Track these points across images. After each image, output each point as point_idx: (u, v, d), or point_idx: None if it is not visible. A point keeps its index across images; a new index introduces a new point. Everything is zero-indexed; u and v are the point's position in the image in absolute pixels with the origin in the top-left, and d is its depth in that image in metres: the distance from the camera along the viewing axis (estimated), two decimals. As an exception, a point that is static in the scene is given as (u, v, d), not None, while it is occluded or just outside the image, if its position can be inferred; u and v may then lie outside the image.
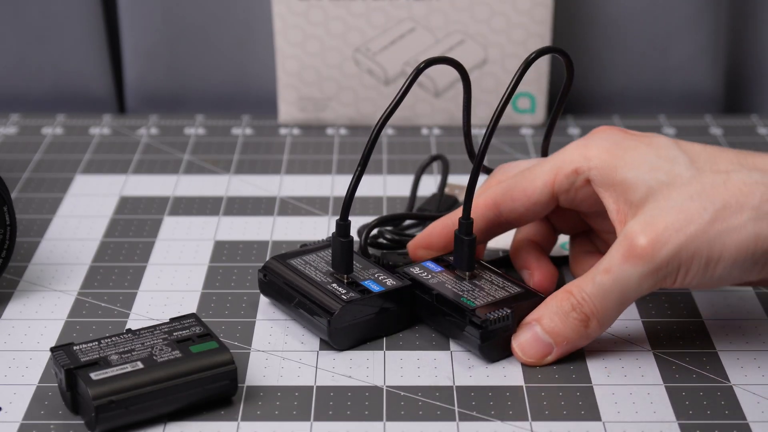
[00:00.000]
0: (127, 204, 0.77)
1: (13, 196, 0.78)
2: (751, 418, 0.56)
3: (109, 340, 0.57)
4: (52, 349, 0.56)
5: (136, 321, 0.64)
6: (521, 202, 0.62)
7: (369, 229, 0.68)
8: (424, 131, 0.90)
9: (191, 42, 0.93)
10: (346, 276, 0.62)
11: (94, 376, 0.54)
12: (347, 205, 0.60)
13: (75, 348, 0.56)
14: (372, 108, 0.90)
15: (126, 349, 0.56)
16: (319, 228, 0.74)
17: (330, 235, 0.65)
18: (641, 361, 0.60)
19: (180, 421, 0.56)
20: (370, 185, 0.80)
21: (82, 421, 0.55)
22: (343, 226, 0.61)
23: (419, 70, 0.59)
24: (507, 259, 0.68)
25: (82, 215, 0.76)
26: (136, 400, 0.54)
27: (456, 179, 0.78)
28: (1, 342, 0.62)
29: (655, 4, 0.91)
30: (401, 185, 0.81)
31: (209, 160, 0.84)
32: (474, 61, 0.88)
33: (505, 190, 0.62)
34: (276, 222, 0.75)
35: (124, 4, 0.92)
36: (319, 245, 0.66)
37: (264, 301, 0.66)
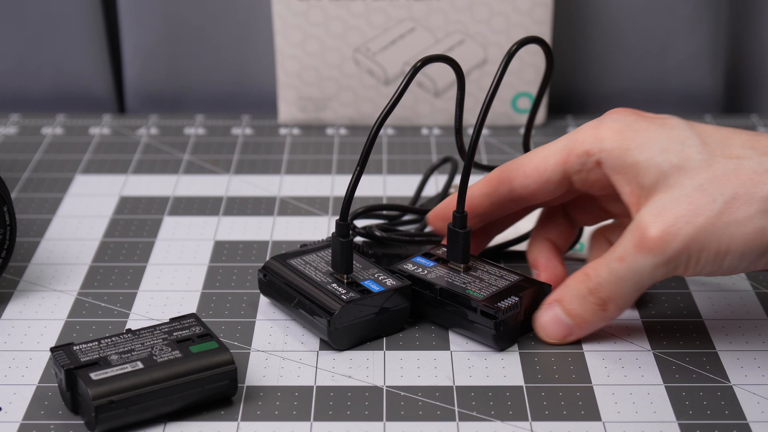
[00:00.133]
0: (127, 204, 0.77)
1: (13, 196, 0.78)
2: (751, 418, 0.56)
3: (109, 340, 0.57)
4: (52, 349, 0.56)
5: (136, 321, 0.64)
6: (533, 178, 0.62)
7: (353, 216, 0.68)
8: (424, 131, 0.90)
9: (191, 42, 0.93)
10: (345, 276, 0.62)
11: (94, 376, 0.54)
12: (347, 205, 0.60)
13: (75, 348, 0.56)
14: (372, 108, 0.90)
15: (126, 349, 0.56)
16: (319, 228, 0.74)
17: (330, 235, 0.65)
18: (641, 361, 0.60)
19: (180, 421, 0.56)
20: (370, 185, 0.80)
21: (82, 421, 0.55)
22: (343, 226, 0.61)
23: (416, 69, 0.60)
24: (499, 252, 0.70)
25: (82, 215, 0.76)
26: (136, 400, 0.54)
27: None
28: (1, 342, 0.62)
29: (655, 4, 0.91)
30: (401, 185, 0.81)
31: (209, 160, 0.84)
32: (474, 61, 0.88)
33: (519, 165, 0.62)
34: (276, 222, 0.75)
35: (124, 4, 0.92)
36: (319, 245, 0.66)
37: (264, 301, 0.66)
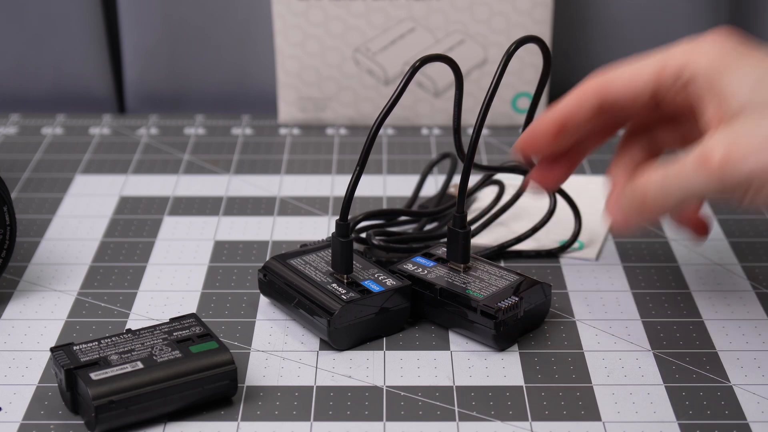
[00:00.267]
0: (127, 204, 0.77)
1: (13, 196, 0.78)
2: (751, 418, 0.56)
3: (109, 340, 0.57)
4: (52, 349, 0.56)
5: (136, 321, 0.64)
6: (625, 91, 0.60)
7: (355, 222, 0.68)
8: (424, 131, 0.90)
9: (191, 42, 0.93)
10: (346, 276, 0.62)
11: (94, 376, 0.54)
12: (347, 205, 0.60)
13: (75, 348, 0.56)
14: (372, 108, 0.90)
15: (126, 349, 0.56)
16: (319, 228, 0.74)
17: (330, 235, 0.65)
18: (641, 361, 0.60)
19: (180, 421, 0.56)
20: (370, 185, 0.80)
21: (82, 421, 0.55)
22: (342, 226, 0.61)
23: (415, 69, 0.60)
24: (499, 252, 0.70)
25: (82, 215, 0.76)
26: (136, 400, 0.54)
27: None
28: (1, 342, 0.62)
29: (655, 4, 0.91)
30: (401, 185, 0.81)
31: (209, 160, 0.84)
32: (474, 61, 0.88)
33: (612, 77, 0.60)
34: (276, 222, 0.75)
35: (124, 4, 0.92)
36: (319, 245, 0.66)
37: (264, 301, 0.66)
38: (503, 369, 0.60)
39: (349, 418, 0.56)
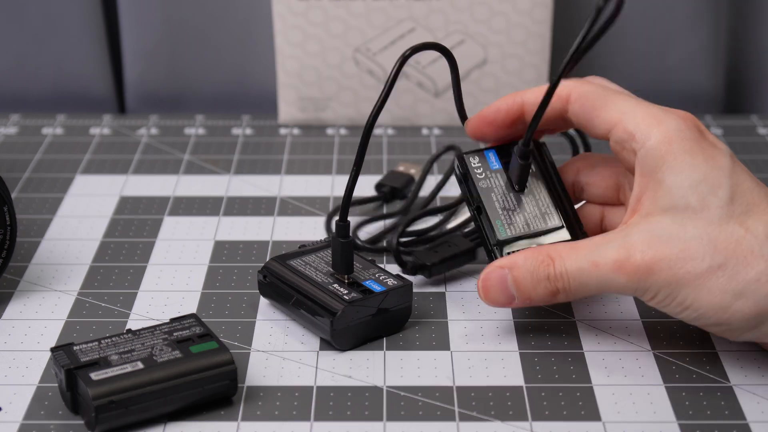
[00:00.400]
0: (127, 204, 0.77)
1: (13, 196, 0.78)
2: (751, 418, 0.56)
3: (109, 341, 0.57)
4: (52, 349, 0.56)
5: (136, 321, 0.64)
6: (582, 117, 0.60)
7: (400, 234, 0.68)
8: (424, 131, 0.90)
9: (191, 42, 0.93)
10: (346, 276, 0.62)
11: (94, 376, 0.54)
12: (346, 205, 0.60)
13: (75, 348, 0.56)
14: (372, 108, 0.90)
15: (126, 349, 0.56)
16: (319, 228, 0.74)
17: (330, 235, 0.65)
18: (641, 361, 0.60)
19: (180, 421, 0.56)
20: (370, 185, 0.80)
21: (82, 421, 0.55)
22: (342, 226, 0.61)
23: (405, 57, 0.60)
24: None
25: (82, 215, 0.76)
26: (136, 400, 0.54)
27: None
28: (1, 342, 0.62)
29: (655, 5, 0.91)
30: (401, 185, 0.81)
31: (209, 160, 0.84)
32: (474, 61, 0.88)
33: (585, 100, 0.60)
34: (276, 222, 0.75)
35: (124, 4, 0.92)
36: (318, 246, 0.66)
37: (264, 301, 0.66)
38: (503, 369, 0.60)
39: (349, 418, 0.56)
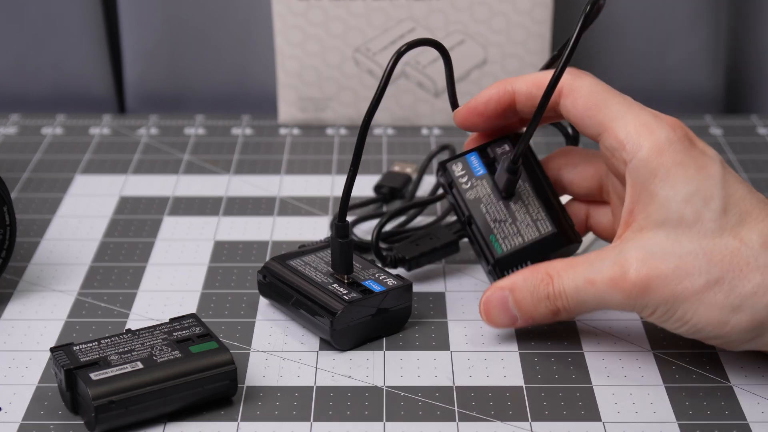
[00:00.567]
0: (127, 204, 0.77)
1: (13, 196, 0.78)
2: (751, 418, 0.56)
3: (108, 340, 0.57)
4: (52, 349, 0.56)
5: (136, 321, 0.64)
6: (575, 112, 0.60)
7: (380, 228, 0.68)
8: (424, 131, 0.90)
9: (191, 42, 0.93)
10: (346, 276, 0.62)
11: (94, 376, 0.54)
12: (344, 206, 0.60)
13: (75, 348, 0.56)
14: (372, 108, 0.90)
15: (126, 349, 0.56)
16: (319, 228, 0.74)
17: (329, 235, 0.65)
18: (641, 361, 0.60)
19: (180, 421, 0.56)
20: (370, 185, 0.80)
21: (82, 421, 0.55)
22: (341, 227, 0.61)
23: (400, 53, 0.60)
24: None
25: (82, 215, 0.76)
26: (136, 400, 0.54)
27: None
28: (1, 342, 0.62)
29: (655, 5, 0.91)
30: (401, 185, 0.81)
31: (209, 160, 0.84)
32: (474, 61, 0.88)
33: (577, 96, 0.60)
34: (276, 222, 0.75)
35: (124, 4, 0.92)
36: (318, 246, 0.66)
37: (264, 301, 0.66)
38: (503, 369, 0.60)
39: (349, 418, 0.56)
